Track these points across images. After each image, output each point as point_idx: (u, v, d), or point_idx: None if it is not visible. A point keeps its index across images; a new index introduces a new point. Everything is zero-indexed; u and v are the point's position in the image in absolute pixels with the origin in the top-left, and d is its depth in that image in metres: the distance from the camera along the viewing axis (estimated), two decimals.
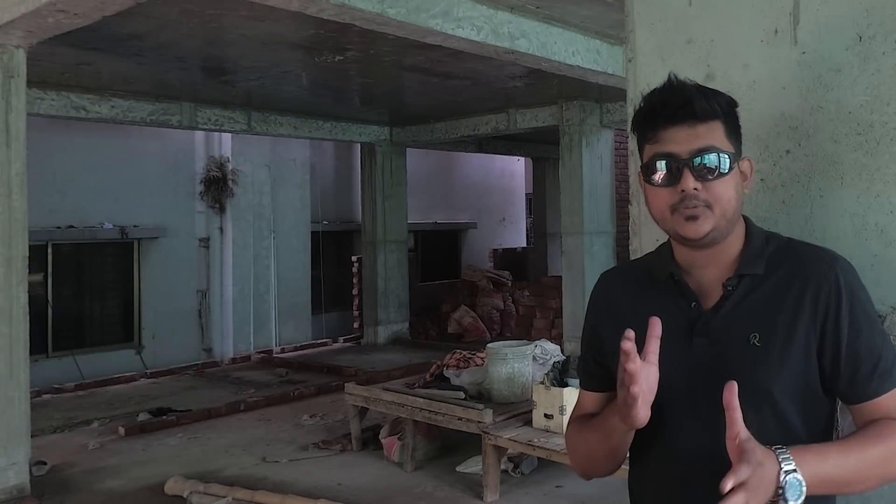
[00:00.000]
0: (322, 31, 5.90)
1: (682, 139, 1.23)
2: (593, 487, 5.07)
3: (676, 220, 1.24)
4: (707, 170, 1.22)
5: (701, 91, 1.25)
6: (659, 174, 1.25)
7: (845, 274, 1.24)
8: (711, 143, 1.23)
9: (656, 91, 1.28)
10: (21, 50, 4.89)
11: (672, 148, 1.24)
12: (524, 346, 5.78)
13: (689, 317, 1.29)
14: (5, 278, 4.85)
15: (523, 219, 16.52)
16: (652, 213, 1.31)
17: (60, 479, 5.64)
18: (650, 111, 1.27)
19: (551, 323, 11.16)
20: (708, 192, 1.22)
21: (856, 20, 1.44)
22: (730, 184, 1.24)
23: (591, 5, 5.48)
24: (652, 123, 1.26)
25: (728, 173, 1.24)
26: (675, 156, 1.23)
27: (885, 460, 1.17)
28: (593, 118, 9.34)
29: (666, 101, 1.25)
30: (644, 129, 1.29)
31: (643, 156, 1.30)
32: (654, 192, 1.27)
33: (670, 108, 1.24)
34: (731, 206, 1.25)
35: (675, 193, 1.24)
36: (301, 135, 10.25)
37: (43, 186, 8.24)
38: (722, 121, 1.25)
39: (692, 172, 1.22)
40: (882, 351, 1.21)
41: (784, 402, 1.22)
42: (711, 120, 1.24)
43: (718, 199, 1.23)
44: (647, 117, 1.28)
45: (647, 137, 1.28)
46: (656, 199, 1.27)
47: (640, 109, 1.30)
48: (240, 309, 10.64)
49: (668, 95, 1.25)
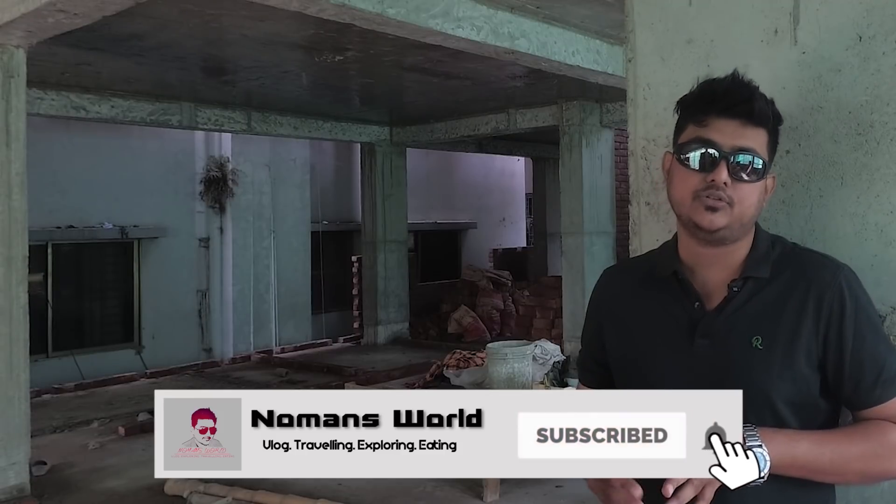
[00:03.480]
0: (322, 31, 5.89)
1: (730, 133, 1.23)
2: None
3: (695, 206, 1.24)
4: (742, 169, 1.23)
5: (762, 96, 1.26)
6: (695, 156, 1.25)
7: (849, 282, 1.24)
8: (754, 146, 1.24)
9: (721, 80, 1.28)
10: (21, 50, 4.89)
11: (717, 137, 1.24)
12: (524, 346, 5.78)
13: (691, 317, 1.29)
14: (5, 278, 4.85)
15: (523, 219, 16.51)
16: (673, 195, 1.30)
17: (60, 479, 5.63)
18: (710, 95, 1.26)
19: (551, 323, 11.15)
20: (734, 191, 1.23)
21: (856, 20, 1.44)
22: (755, 190, 1.25)
23: (591, 5, 5.48)
24: (707, 107, 1.26)
25: (758, 180, 1.25)
26: (717, 145, 1.23)
27: (865, 457, 1.19)
28: (593, 118, 9.34)
29: (730, 91, 1.25)
30: (696, 110, 1.28)
31: (681, 136, 1.29)
32: (683, 174, 1.27)
33: (731, 99, 1.24)
34: (751, 211, 1.25)
35: (703, 181, 1.24)
36: (301, 135, 10.25)
37: (43, 186, 8.23)
38: (768, 131, 1.26)
39: (728, 167, 1.23)
40: (886, 359, 1.22)
41: (782, 406, 1.22)
42: (761, 126, 1.25)
43: (742, 201, 1.23)
44: (704, 99, 1.27)
45: (697, 119, 1.27)
46: (683, 182, 1.27)
47: (699, 91, 1.29)
48: (240, 309, 10.63)
49: (732, 87, 1.26)
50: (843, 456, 1.18)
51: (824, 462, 1.18)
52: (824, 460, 1.18)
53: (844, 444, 1.19)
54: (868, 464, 1.20)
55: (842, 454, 1.18)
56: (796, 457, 1.16)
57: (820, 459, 1.18)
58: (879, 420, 1.20)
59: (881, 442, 1.19)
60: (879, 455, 1.19)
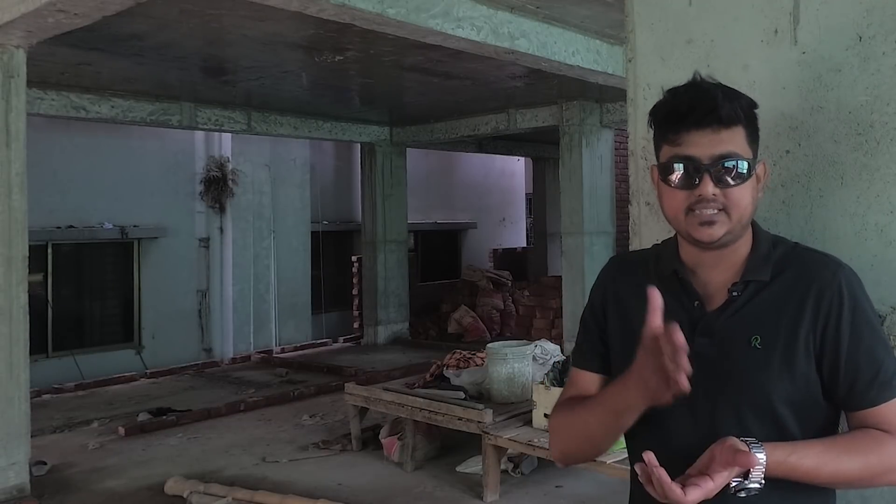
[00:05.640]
0: (322, 31, 5.89)
1: (705, 144, 1.21)
2: (593, 487, 5.07)
3: (690, 222, 1.23)
4: (727, 174, 1.22)
5: (726, 95, 1.23)
6: (677, 175, 1.24)
7: (849, 282, 1.23)
8: (733, 149, 1.22)
9: (681, 91, 1.26)
10: (21, 50, 4.89)
11: (693, 151, 1.22)
12: (524, 346, 5.78)
13: (691, 316, 1.28)
14: (5, 278, 4.85)
15: (523, 219, 16.51)
16: (665, 212, 1.29)
17: (60, 479, 5.63)
18: (675, 113, 1.24)
19: (551, 323, 11.15)
20: (726, 198, 1.22)
21: (856, 20, 1.44)
22: (747, 190, 1.24)
23: (591, 5, 5.48)
24: (675, 125, 1.24)
25: (746, 180, 1.23)
26: (695, 160, 1.22)
27: (862, 475, 1.19)
28: (593, 118, 9.34)
29: (693, 105, 1.22)
30: (665, 129, 1.26)
31: (660, 154, 1.28)
32: (670, 193, 1.26)
33: (696, 113, 1.22)
34: (748, 210, 1.25)
35: (691, 196, 1.22)
36: (301, 135, 10.25)
37: (43, 186, 8.24)
38: (744, 125, 1.24)
39: (712, 178, 1.21)
40: (883, 360, 1.21)
41: (782, 406, 1.22)
42: (734, 126, 1.23)
43: (736, 205, 1.22)
44: (669, 119, 1.25)
45: (668, 138, 1.25)
46: (671, 200, 1.26)
47: (663, 108, 1.27)
48: (240, 309, 10.63)
49: (694, 100, 1.23)
50: (840, 471, 1.17)
51: (821, 478, 1.18)
52: (822, 477, 1.17)
53: (843, 460, 1.17)
54: (865, 481, 1.21)
55: (839, 469, 1.17)
56: (792, 474, 1.15)
57: (818, 477, 1.17)
58: (876, 431, 1.19)
59: (880, 456, 1.18)
60: (877, 472, 1.18)
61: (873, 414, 1.20)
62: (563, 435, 1.40)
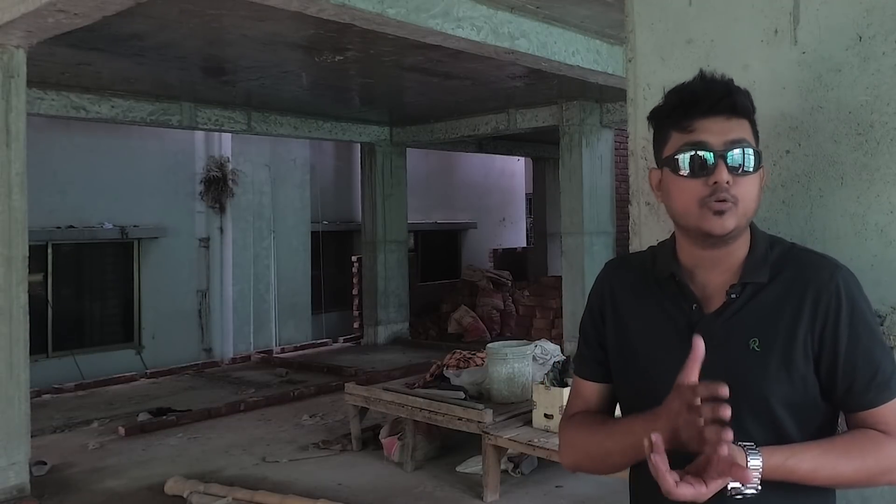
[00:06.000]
0: (322, 31, 5.89)
1: (718, 130, 1.21)
2: (593, 487, 5.07)
3: (703, 214, 1.21)
4: (739, 164, 1.21)
5: (738, 88, 1.24)
6: (689, 162, 1.22)
7: (846, 283, 1.23)
8: (745, 136, 1.23)
9: (693, 82, 1.26)
10: (21, 50, 4.89)
11: (707, 137, 1.21)
12: (524, 346, 5.78)
13: (689, 319, 1.27)
14: (5, 278, 4.85)
15: (523, 219, 16.51)
16: (675, 206, 1.26)
17: (60, 479, 5.63)
18: (690, 99, 1.23)
19: (551, 323, 11.15)
20: (737, 188, 1.21)
21: (856, 20, 1.43)
22: (754, 183, 1.24)
23: (591, 5, 5.48)
24: (689, 111, 1.23)
25: (755, 172, 1.23)
26: (709, 145, 1.21)
27: (860, 477, 1.19)
28: (593, 118, 9.34)
29: (709, 90, 1.22)
30: (678, 117, 1.24)
31: (668, 146, 1.26)
32: (682, 185, 1.24)
33: (712, 97, 1.21)
34: (753, 206, 1.24)
35: (705, 186, 1.21)
36: (301, 135, 10.25)
37: (43, 186, 8.24)
38: (750, 122, 1.25)
39: (726, 164, 1.20)
40: (881, 362, 1.21)
41: (780, 408, 1.21)
42: (744, 117, 1.24)
43: (744, 196, 1.21)
44: (684, 104, 1.24)
45: (682, 126, 1.23)
46: (683, 193, 1.23)
47: (675, 97, 1.26)
48: (240, 309, 10.63)
49: (710, 86, 1.23)
50: (838, 473, 1.17)
51: (820, 480, 1.18)
52: (820, 479, 1.17)
53: (841, 462, 1.17)
54: (863, 482, 1.21)
55: (837, 471, 1.17)
56: (790, 476, 1.15)
57: (816, 479, 1.17)
58: (874, 432, 1.19)
59: (877, 457, 1.17)
60: (875, 473, 1.18)
61: (871, 415, 1.20)
62: (578, 451, 1.39)
